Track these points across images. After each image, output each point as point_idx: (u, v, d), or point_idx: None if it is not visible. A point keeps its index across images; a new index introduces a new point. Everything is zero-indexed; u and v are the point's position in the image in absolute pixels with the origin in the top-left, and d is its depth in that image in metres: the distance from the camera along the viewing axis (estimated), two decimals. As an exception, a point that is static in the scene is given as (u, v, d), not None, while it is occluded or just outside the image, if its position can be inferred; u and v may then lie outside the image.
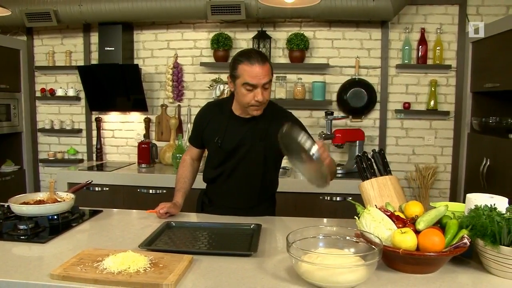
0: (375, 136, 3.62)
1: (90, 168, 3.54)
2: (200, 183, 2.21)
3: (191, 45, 3.74)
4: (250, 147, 1.91)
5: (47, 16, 3.39)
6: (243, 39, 3.66)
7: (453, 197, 3.58)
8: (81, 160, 3.95)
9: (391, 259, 1.32)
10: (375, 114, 3.61)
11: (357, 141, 3.35)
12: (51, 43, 3.91)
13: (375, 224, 1.35)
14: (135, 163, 3.77)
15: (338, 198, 3.09)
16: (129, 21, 3.59)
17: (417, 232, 1.34)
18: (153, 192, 3.26)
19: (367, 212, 1.39)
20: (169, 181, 3.24)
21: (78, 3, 3.38)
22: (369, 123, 3.62)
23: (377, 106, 3.59)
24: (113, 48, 3.56)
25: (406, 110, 3.53)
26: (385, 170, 1.70)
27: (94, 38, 3.81)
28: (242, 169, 1.96)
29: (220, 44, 3.51)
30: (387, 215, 1.42)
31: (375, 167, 1.72)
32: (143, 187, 3.27)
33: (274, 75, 3.52)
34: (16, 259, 1.38)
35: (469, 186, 3.35)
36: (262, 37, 3.52)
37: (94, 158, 3.92)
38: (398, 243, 1.28)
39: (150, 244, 1.47)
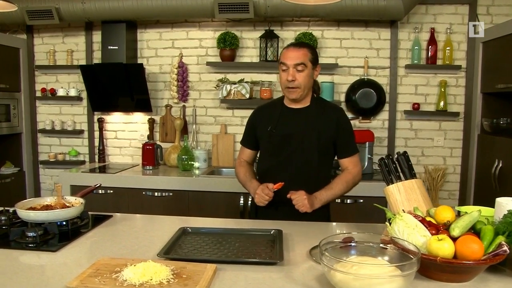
0: (384, 137, 3.56)
1: (92, 170, 3.45)
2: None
3: (196, 44, 3.66)
4: (304, 135, 1.95)
5: (49, 13, 3.30)
6: (249, 39, 3.59)
7: (462, 199, 3.52)
8: (83, 162, 3.85)
9: (426, 267, 1.24)
10: (384, 115, 3.55)
11: (367, 143, 3.28)
12: (51, 42, 3.82)
13: (409, 230, 1.29)
14: (138, 164, 3.68)
15: (348, 201, 3.03)
16: (133, 19, 3.50)
17: (451, 239, 1.27)
18: (159, 195, 3.17)
19: (399, 218, 1.32)
20: (175, 183, 3.16)
21: (81, 1, 3.29)
22: (378, 124, 3.55)
23: (386, 107, 3.53)
24: (116, 47, 3.48)
25: (416, 111, 3.47)
26: (410, 173, 1.64)
27: (96, 37, 3.72)
28: (297, 158, 1.96)
29: (227, 43, 3.43)
30: (418, 220, 1.35)
31: (399, 170, 1.65)
32: (149, 189, 3.18)
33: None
34: (27, 269, 1.30)
35: (479, 188, 3.30)
36: (269, 36, 3.44)
37: (96, 160, 3.82)
38: (435, 250, 1.22)
39: (168, 253, 1.39)
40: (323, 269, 1.19)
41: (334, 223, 1.94)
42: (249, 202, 2.19)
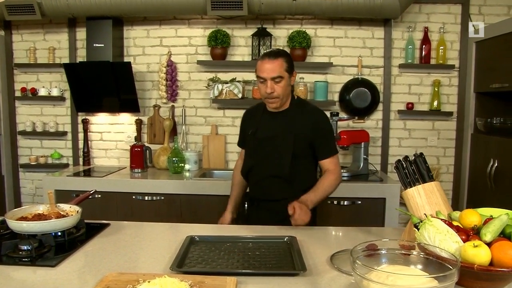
0: (377, 137, 3.52)
1: (77, 174, 3.27)
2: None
3: (185, 42, 3.53)
4: (280, 138, 2.01)
5: (30, 8, 3.10)
6: (241, 37, 3.48)
7: (456, 199, 3.53)
8: (66, 165, 3.66)
9: (460, 274, 1.18)
10: (377, 114, 3.51)
11: (362, 143, 3.23)
12: (32, 39, 3.60)
13: (441, 236, 1.22)
14: (125, 167, 3.52)
15: (345, 202, 2.97)
16: (119, 15, 3.34)
17: (482, 244, 1.21)
18: (149, 199, 3.03)
19: (429, 224, 1.25)
20: (166, 187, 3.03)
21: (65, -5, 3.11)
22: (372, 124, 3.51)
23: (380, 106, 3.49)
24: (102, 45, 3.31)
25: (409, 110, 3.45)
26: (428, 175, 1.58)
27: (80, 34, 3.54)
28: (272, 161, 2.02)
29: (218, 41, 3.31)
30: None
31: (416, 172, 1.59)
32: (138, 193, 3.03)
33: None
34: (26, 288, 1.17)
35: (473, 188, 3.31)
36: (262, 34, 3.35)
37: (81, 163, 3.64)
38: (471, 257, 1.15)
39: (181, 265, 1.28)
40: (355, 279, 1.11)
41: (343, 227, 1.86)
42: (245, 206, 2.25)
